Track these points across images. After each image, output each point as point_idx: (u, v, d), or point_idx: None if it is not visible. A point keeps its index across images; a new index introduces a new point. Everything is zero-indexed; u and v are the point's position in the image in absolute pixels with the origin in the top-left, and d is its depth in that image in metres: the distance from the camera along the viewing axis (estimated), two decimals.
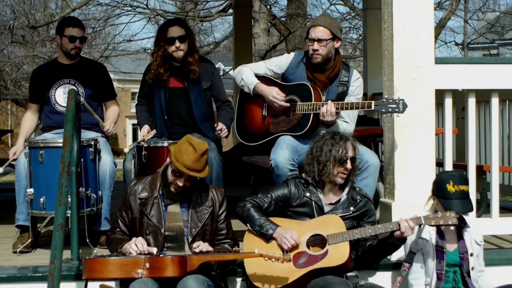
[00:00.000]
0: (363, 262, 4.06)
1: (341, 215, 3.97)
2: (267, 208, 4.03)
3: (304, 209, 4.02)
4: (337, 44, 4.55)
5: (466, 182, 3.90)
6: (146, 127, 4.85)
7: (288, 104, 4.53)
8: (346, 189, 4.06)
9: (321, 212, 4.00)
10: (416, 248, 3.90)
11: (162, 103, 4.84)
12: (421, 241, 3.89)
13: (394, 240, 3.85)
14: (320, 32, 4.47)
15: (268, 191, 4.10)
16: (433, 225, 3.81)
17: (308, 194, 4.03)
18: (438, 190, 3.89)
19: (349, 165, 3.96)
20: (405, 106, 4.15)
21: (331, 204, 4.04)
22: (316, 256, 3.85)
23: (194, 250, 3.72)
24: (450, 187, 3.84)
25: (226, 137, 4.87)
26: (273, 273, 3.82)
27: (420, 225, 3.83)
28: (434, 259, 3.83)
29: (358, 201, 4.04)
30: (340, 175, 3.98)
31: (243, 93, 4.78)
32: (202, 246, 3.73)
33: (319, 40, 4.47)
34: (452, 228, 3.90)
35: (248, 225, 3.99)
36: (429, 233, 3.89)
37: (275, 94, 4.54)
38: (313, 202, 4.01)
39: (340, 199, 4.05)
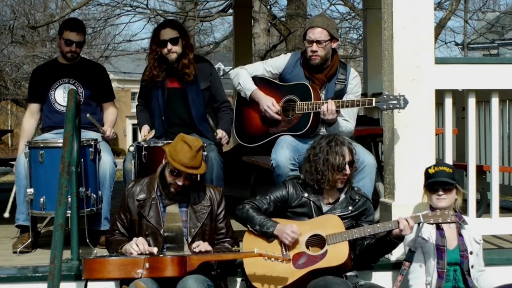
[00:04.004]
0: (361, 261, 4.06)
1: (339, 214, 3.98)
2: (266, 210, 4.03)
3: (303, 210, 4.02)
4: (334, 45, 4.55)
5: (448, 166, 4.01)
6: (146, 127, 4.87)
7: (279, 117, 4.52)
8: (345, 189, 4.06)
9: (319, 212, 4.01)
10: (415, 246, 3.90)
11: (160, 103, 4.84)
12: (420, 240, 3.90)
13: (392, 239, 3.85)
14: (318, 33, 4.46)
15: (266, 193, 4.10)
16: (432, 223, 3.82)
17: (306, 194, 4.03)
18: (424, 180, 4.00)
19: (347, 171, 3.96)
20: (406, 102, 4.15)
21: (329, 203, 4.04)
22: (316, 256, 3.85)
23: (194, 250, 3.72)
24: (431, 170, 4.00)
25: (228, 142, 4.85)
26: (272, 273, 3.81)
27: (419, 224, 3.84)
28: (434, 258, 3.84)
29: (357, 200, 4.05)
30: (339, 180, 3.98)
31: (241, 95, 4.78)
32: (202, 246, 3.73)
33: (318, 42, 4.46)
34: (451, 226, 3.92)
35: (248, 225, 3.99)
36: (429, 232, 3.90)
37: (270, 105, 4.53)
38: (311, 202, 4.01)
39: (338, 199, 4.05)
